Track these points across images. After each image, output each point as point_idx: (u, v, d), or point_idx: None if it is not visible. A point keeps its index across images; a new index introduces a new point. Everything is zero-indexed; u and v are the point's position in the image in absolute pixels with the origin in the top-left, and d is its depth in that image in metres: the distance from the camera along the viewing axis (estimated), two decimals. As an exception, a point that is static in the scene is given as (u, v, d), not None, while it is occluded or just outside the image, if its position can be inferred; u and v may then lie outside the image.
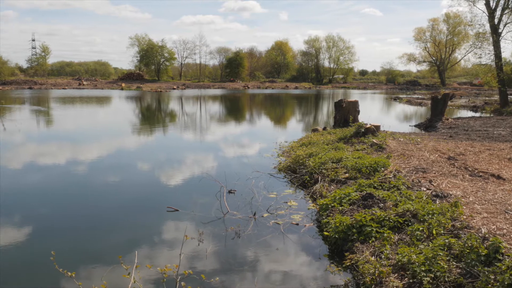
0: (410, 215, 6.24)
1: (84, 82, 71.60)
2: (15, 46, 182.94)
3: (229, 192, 8.93)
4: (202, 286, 4.85)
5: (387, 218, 6.20)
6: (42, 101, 38.88)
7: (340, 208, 7.10)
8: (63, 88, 63.26)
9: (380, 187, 7.82)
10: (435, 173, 8.72)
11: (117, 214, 7.85)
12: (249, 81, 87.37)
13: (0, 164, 11.96)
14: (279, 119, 26.99)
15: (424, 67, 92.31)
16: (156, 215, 7.81)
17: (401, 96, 51.13)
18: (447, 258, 4.87)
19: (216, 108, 36.46)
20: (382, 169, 8.98)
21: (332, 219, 6.68)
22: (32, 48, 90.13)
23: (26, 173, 10.98)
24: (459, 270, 4.69)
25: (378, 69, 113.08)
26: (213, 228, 7.04)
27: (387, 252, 5.37)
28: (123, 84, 69.24)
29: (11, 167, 11.55)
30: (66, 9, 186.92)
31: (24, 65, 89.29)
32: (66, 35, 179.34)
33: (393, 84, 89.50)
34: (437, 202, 6.73)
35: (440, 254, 4.88)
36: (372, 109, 31.67)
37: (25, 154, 13.62)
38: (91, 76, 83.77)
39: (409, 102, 40.47)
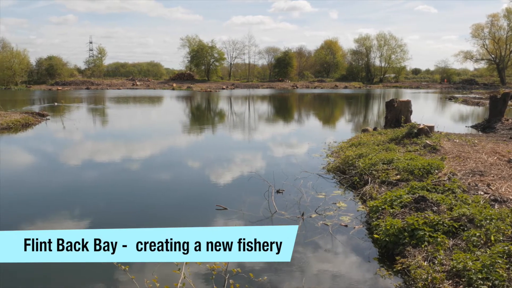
0: (466, 220, 5.98)
1: (138, 83, 74.12)
2: (74, 48, 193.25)
3: (277, 191, 8.93)
4: (250, 285, 4.89)
5: (441, 222, 5.97)
6: (99, 101, 40.70)
7: (391, 210, 6.92)
8: (118, 88, 65.83)
9: (434, 190, 7.54)
10: (493, 177, 8.30)
11: (168, 211, 8.07)
12: (298, 81, 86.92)
13: (60, 161, 12.68)
14: (328, 119, 26.68)
15: (482, 65, 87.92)
16: (205, 213, 7.96)
17: (456, 95, 48.97)
18: (507, 266, 4.63)
19: (264, 108, 36.59)
20: (436, 171, 8.67)
21: (383, 221, 6.53)
22: (90, 50, 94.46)
23: (83, 169, 11.53)
24: (519, 279, 4.44)
25: (432, 68, 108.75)
26: (261, 227, 7.07)
27: (441, 257, 5.18)
28: (174, 84, 71.11)
29: (69, 164, 12.20)
30: (122, 12, 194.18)
31: (82, 66, 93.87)
32: (121, 37, 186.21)
33: (447, 83, 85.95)
34: (496, 207, 6.41)
35: (499, 262, 4.64)
36: (425, 109, 30.58)
37: (82, 151, 14.32)
38: (144, 77, 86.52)
39: (465, 101, 38.70)
